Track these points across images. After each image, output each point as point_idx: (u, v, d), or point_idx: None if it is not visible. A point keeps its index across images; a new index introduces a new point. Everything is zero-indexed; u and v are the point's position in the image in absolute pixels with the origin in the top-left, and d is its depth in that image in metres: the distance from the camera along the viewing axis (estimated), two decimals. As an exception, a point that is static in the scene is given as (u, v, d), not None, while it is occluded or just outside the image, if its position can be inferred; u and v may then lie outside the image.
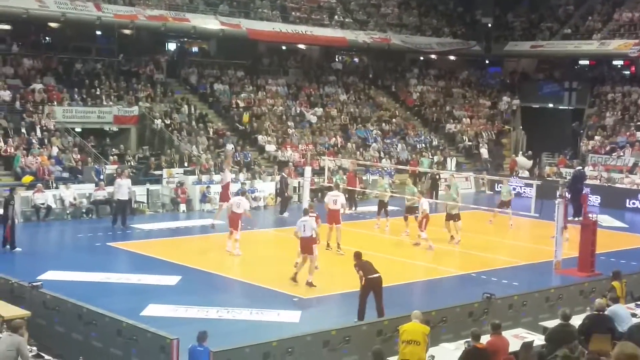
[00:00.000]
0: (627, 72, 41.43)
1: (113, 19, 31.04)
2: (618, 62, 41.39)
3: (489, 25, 45.55)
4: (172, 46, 37.74)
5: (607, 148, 35.55)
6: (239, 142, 31.71)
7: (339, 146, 33.83)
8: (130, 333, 11.13)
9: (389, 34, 40.15)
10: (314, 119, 35.23)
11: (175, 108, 31.93)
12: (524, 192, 30.22)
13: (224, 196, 22.87)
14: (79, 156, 27.06)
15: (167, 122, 30.67)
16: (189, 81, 34.56)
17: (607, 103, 38.90)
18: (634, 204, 30.31)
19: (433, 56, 43.63)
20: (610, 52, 38.87)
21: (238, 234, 19.40)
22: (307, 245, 16.67)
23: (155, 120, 30.30)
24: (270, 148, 32.09)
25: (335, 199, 20.32)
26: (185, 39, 37.60)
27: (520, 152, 36.84)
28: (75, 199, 24.61)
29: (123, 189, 23.16)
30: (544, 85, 42.10)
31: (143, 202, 26.13)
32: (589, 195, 27.50)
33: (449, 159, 35.74)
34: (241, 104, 33.91)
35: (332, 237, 20.13)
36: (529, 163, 35.15)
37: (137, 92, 31.61)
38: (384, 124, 37.16)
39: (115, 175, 24.62)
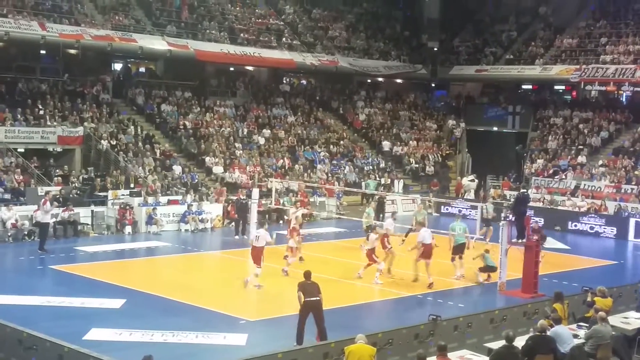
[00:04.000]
0: (569, 97, 42.42)
1: (58, 38, 30.67)
2: (560, 87, 42.35)
3: (435, 49, 46.25)
4: (118, 66, 37.39)
5: (550, 171, 36.26)
6: (186, 164, 31.52)
7: (286, 168, 33.86)
8: (73, 358, 10.90)
9: (336, 57, 40.46)
10: (261, 141, 35.22)
11: (121, 129, 31.60)
12: (470, 214, 30.57)
13: None
14: (21, 177, 26.53)
15: (113, 142, 30.31)
16: (135, 102, 34.27)
17: (549, 127, 39.74)
18: (575, 225, 30.93)
19: (380, 79, 44.10)
20: (552, 77, 39.83)
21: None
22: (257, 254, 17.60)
23: (101, 140, 29.93)
24: (218, 170, 31.94)
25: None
26: (132, 59, 37.31)
27: (467, 175, 37.39)
28: (17, 220, 24.09)
29: (47, 213, 22.77)
30: (489, 108, 42.82)
31: (87, 224, 25.72)
32: (532, 218, 27.90)
33: (395, 181, 36.05)
34: (188, 125, 33.73)
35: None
36: (475, 185, 35.66)
37: (82, 112, 31.20)
38: (331, 146, 37.33)
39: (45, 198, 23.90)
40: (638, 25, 39.76)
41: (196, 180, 30.58)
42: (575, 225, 30.95)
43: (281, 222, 27.86)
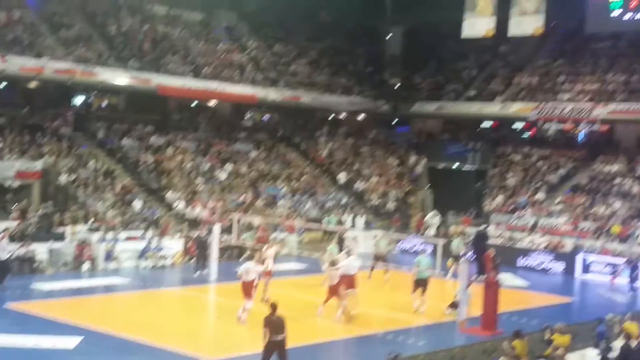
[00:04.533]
0: (528, 134, 43.03)
1: (18, 71, 30.40)
2: (519, 125, 42.93)
3: (397, 86, 46.71)
4: (79, 100, 37.10)
5: (510, 208, 36.66)
6: (147, 199, 31.28)
7: (248, 203, 33.76)
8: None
9: (299, 92, 40.65)
10: (223, 176, 35.12)
11: (81, 163, 31.29)
12: (427, 250, 30.68)
13: None
14: (-23, 212, 26.11)
15: (72, 177, 29.98)
16: (96, 136, 34.01)
17: (509, 164, 40.24)
18: (533, 262, 31.31)
19: (343, 115, 44.36)
20: (511, 114, 40.38)
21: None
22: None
23: (60, 175, 29.58)
24: (179, 205, 31.73)
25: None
26: (94, 93, 37.07)
27: (428, 211, 37.64)
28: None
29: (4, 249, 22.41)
30: (450, 145, 43.22)
31: (42, 262, 25.26)
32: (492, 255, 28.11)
33: (357, 218, 36.10)
34: (150, 160, 33.53)
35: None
36: (436, 222, 35.87)
37: (42, 146, 30.86)
38: (293, 182, 37.36)
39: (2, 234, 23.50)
40: (595, 64, 40.61)
41: (157, 216, 30.33)
42: (533, 262, 31.33)
43: (241, 259, 27.65)
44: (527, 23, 30.38)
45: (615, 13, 32.05)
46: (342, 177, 39.62)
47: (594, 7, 33.05)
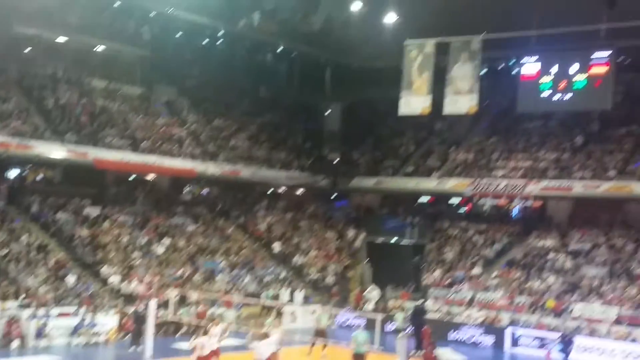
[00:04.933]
0: (463, 210, 43.83)
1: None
2: (455, 200, 43.75)
3: (336, 161, 47.29)
4: (13, 173, 36.49)
5: (447, 282, 37.05)
6: (81, 274, 30.66)
7: (185, 278, 33.37)
8: None
9: (238, 167, 40.82)
10: (160, 250, 34.74)
11: (13, 237, 30.61)
12: (362, 324, 30.70)
13: None
14: None
15: (4, 252, 29.26)
16: (30, 209, 33.40)
17: (446, 238, 40.83)
18: (463, 336, 31.60)
19: (282, 189, 44.58)
20: (448, 190, 41.15)
21: None
22: None
23: (-9, 249, 28.89)
24: (114, 280, 31.18)
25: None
26: (29, 166, 36.54)
27: (367, 286, 37.74)
28: None
29: None
30: (388, 220, 43.68)
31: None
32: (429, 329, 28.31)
33: (296, 292, 35.98)
34: (85, 234, 33.01)
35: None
36: (375, 296, 35.98)
37: (-27, 219, 30.18)
38: (232, 256, 37.15)
39: None
40: (527, 142, 41.93)
41: (91, 291, 29.71)
42: (456, 335, 31.65)
43: (178, 335, 27.20)
44: (461, 102, 31.24)
45: (545, 94, 33.26)
46: (276, 246, 39.60)
47: (524, 88, 34.23)
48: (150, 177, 39.19)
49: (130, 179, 38.96)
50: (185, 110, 43.09)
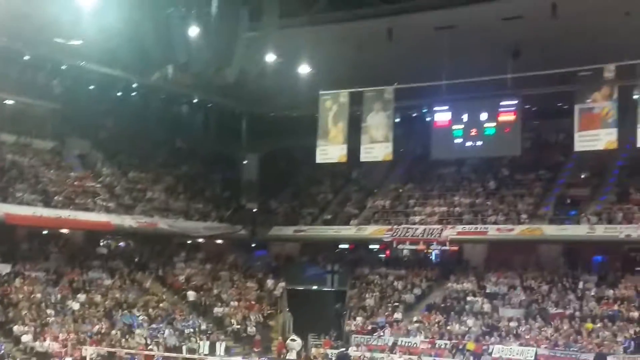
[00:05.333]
0: (383, 256, 44.51)
1: None
2: (375, 246, 44.42)
3: (254, 210, 47.49)
4: None
5: (369, 328, 37.47)
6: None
7: (102, 333, 32.79)
8: None
9: (155, 218, 40.56)
10: (76, 306, 34.08)
11: None
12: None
13: None
14: None
15: None
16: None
17: (366, 285, 41.34)
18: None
19: (200, 240, 44.43)
20: (366, 236, 41.81)
21: None
22: None
23: None
24: (27, 338, 30.40)
25: None
26: None
27: (288, 334, 37.78)
28: None
29: None
30: (308, 267, 43.99)
31: None
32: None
33: (217, 343, 35.75)
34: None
35: None
36: (297, 345, 36.05)
37: None
38: (150, 309, 36.70)
39: None
40: (442, 188, 43.18)
41: (2, 351, 28.89)
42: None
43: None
44: (377, 150, 32.06)
45: (458, 140, 34.52)
46: (191, 295, 39.34)
47: (438, 135, 35.47)
48: (64, 231, 38.50)
49: (43, 233, 38.20)
50: (100, 162, 42.70)
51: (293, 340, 36.33)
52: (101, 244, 41.01)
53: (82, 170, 41.19)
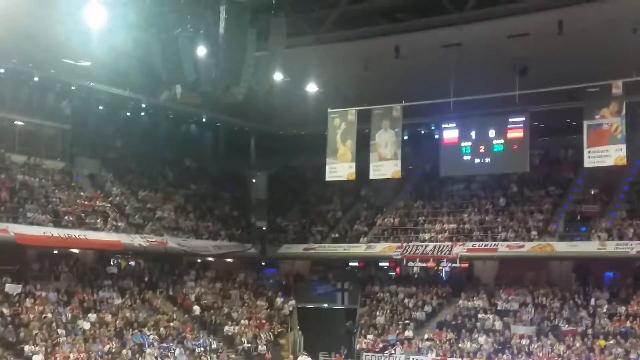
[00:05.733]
0: (393, 273, 44.56)
1: None
2: (384, 264, 44.47)
3: (264, 228, 47.65)
4: None
5: (380, 346, 37.44)
6: (2, 354, 29.94)
7: (113, 353, 32.89)
8: None
9: (165, 238, 40.74)
10: (86, 326, 34.21)
11: None
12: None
13: None
14: None
15: None
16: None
17: (377, 302, 41.34)
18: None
19: (210, 259, 44.57)
20: (376, 254, 41.88)
21: None
22: None
23: None
24: (38, 358, 30.52)
25: None
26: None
27: (299, 353, 37.80)
28: None
29: None
30: (318, 286, 44.09)
31: None
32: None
33: (227, 363, 35.84)
34: (6, 312, 32.31)
35: None
36: (307, 363, 36.12)
37: None
38: (161, 328, 36.78)
39: None
40: (451, 205, 43.22)
41: (14, 372, 29.05)
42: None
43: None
44: (385, 167, 32.23)
45: (466, 157, 34.62)
46: (197, 309, 39.46)
47: (446, 152, 35.59)
48: (75, 251, 38.71)
49: (54, 253, 38.41)
50: (109, 182, 42.91)
51: (304, 355, 36.34)
52: (111, 263, 41.16)
53: (92, 190, 41.45)
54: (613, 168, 29.71)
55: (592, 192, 39.74)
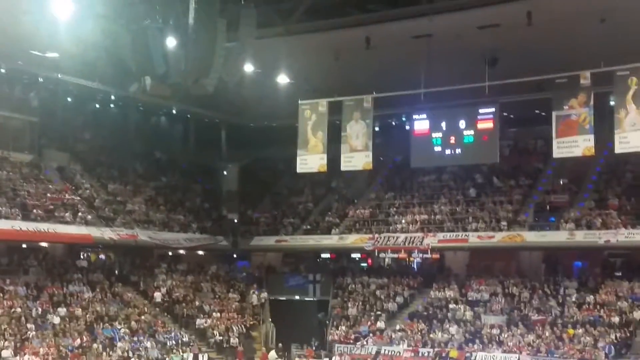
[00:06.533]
0: (365, 264, 44.71)
1: None
2: (356, 255, 44.60)
3: (235, 221, 47.55)
4: None
5: (352, 337, 37.59)
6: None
7: (83, 347, 32.68)
8: None
9: (135, 230, 40.47)
10: (56, 320, 33.94)
11: None
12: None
13: None
14: None
15: None
16: None
17: (349, 294, 41.47)
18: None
19: (181, 251, 44.39)
20: (348, 246, 42.00)
21: None
22: None
23: None
24: (7, 354, 30.22)
25: None
26: None
27: (272, 345, 37.85)
28: None
29: None
30: (290, 277, 44.15)
31: None
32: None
33: (200, 355, 35.72)
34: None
35: None
36: (280, 355, 36.12)
37: None
38: (132, 322, 36.59)
39: None
40: (422, 196, 43.44)
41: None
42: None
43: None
44: (357, 159, 32.22)
45: (437, 148, 34.75)
46: (157, 296, 39.34)
47: (417, 143, 35.66)
48: (44, 245, 38.33)
49: (23, 247, 38.00)
50: (78, 175, 42.57)
51: (276, 351, 36.37)
52: (81, 257, 40.88)
53: (60, 183, 41.04)
54: (581, 158, 29.96)
55: (561, 182, 40.15)
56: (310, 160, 32.49)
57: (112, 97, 41.01)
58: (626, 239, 34.27)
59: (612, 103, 28.24)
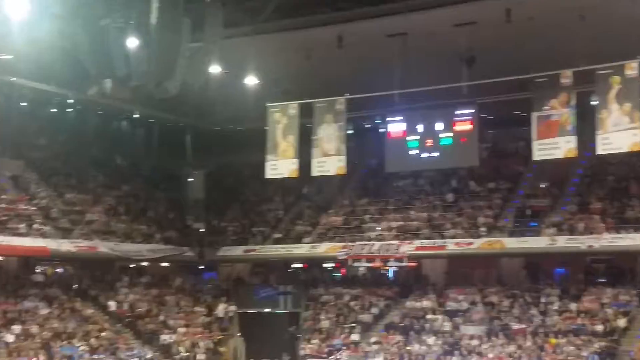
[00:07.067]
0: (338, 274, 44.62)
1: None
2: (329, 265, 44.50)
3: (201, 230, 47.25)
4: None
5: (325, 351, 37.45)
6: None
7: (41, 367, 32.29)
8: None
9: (95, 242, 40.03)
10: (10, 338, 33.45)
11: None
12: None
13: None
14: None
15: None
16: None
17: (321, 305, 41.34)
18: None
19: (144, 263, 43.99)
20: (320, 255, 41.85)
21: None
22: None
23: None
24: (-41, 376, 29.76)
25: None
26: None
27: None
28: None
29: None
30: (260, 289, 43.91)
31: None
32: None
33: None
34: None
35: None
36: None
37: None
38: (92, 339, 36.17)
39: None
40: (398, 202, 43.47)
41: None
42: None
43: None
44: (329, 163, 32.02)
45: (413, 152, 34.80)
46: (112, 305, 39.03)
47: (392, 147, 35.73)
48: (-3, 258, 37.87)
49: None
50: (34, 184, 41.99)
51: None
52: (37, 270, 40.38)
53: (14, 192, 40.47)
54: (563, 160, 30.10)
55: (542, 186, 40.40)
56: (281, 165, 32.26)
57: (70, 101, 40.48)
58: (610, 243, 34.54)
59: (593, 103, 28.38)
